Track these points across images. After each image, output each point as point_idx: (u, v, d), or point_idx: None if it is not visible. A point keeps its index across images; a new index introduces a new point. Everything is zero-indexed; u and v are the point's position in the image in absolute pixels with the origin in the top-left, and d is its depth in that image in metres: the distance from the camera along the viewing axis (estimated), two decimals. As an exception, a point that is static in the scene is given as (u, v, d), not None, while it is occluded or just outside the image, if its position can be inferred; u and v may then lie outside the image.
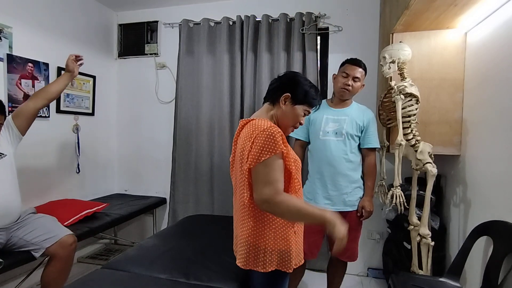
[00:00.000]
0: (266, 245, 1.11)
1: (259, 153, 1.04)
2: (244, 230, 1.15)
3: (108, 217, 2.25)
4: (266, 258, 1.10)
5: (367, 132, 1.79)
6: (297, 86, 1.16)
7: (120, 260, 1.59)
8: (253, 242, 1.12)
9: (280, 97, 1.16)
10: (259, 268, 1.11)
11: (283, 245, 1.11)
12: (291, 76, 1.21)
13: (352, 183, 1.76)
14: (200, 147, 2.70)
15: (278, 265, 1.11)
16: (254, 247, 1.11)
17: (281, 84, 1.18)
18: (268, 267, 1.11)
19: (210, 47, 2.69)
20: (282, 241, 1.11)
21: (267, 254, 1.10)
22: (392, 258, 2.20)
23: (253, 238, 1.12)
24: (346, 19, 2.49)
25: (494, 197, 1.50)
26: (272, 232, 1.11)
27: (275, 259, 1.11)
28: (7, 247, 1.65)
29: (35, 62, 2.22)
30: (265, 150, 1.03)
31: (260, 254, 1.11)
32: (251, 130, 1.09)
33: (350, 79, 1.73)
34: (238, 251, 1.20)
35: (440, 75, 1.85)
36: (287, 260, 1.12)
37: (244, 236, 1.14)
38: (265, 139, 1.04)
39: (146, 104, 2.99)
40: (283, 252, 1.11)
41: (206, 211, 2.69)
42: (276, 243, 1.11)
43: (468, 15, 1.63)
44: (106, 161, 2.99)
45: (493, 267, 1.35)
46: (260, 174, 1.05)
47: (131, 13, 2.97)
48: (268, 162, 1.04)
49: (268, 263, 1.10)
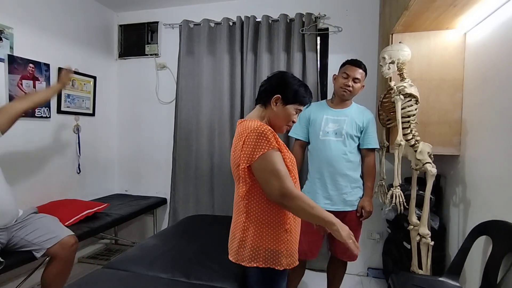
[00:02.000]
0: (253, 241, 1.12)
1: (252, 151, 1.06)
2: (236, 224, 1.19)
3: (108, 217, 2.25)
4: (252, 253, 1.12)
5: (367, 133, 1.79)
6: (286, 87, 1.18)
7: (120, 260, 1.60)
8: (242, 237, 1.14)
9: (271, 99, 1.18)
10: (245, 263, 1.13)
11: (271, 243, 1.12)
12: (280, 76, 1.22)
13: (351, 183, 1.77)
14: (201, 147, 2.70)
15: (265, 262, 1.12)
16: (242, 242, 1.14)
17: (270, 86, 1.20)
18: (254, 262, 1.12)
19: (210, 48, 2.70)
20: (270, 239, 1.12)
21: (254, 250, 1.12)
22: (392, 258, 2.20)
23: (242, 233, 1.14)
24: (346, 20, 2.50)
25: (494, 197, 1.51)
26: (259, 229, 1.13)
27: (262, 256, 1.12)
28: (8, 247, 1.65)
29: (36, 62, 2.22)
30: (258, 148, 1.06)
31: (246, 249, 1.13)
32: (242, 130, 1.13)
33: (350, 80, 1.73)
34: (230, 245, 1.23)
35: (439, 76, 1.86)
36: (275, 258, 1.13)
37: (236, 231, 1.18)
38: (257, 138, 1.07)
39: (147, 105, 2.99)
40: (271, 251, 1.12)
41: (206, 211, 2.69)
42: (263, 241, 1.12)
43: (467, 16, 1.63)
44: (107, 162, 3.00)
45: (492, 266, 1.36)
46: (261, 171, 1.07)
47: (131, 14, 2.98)
48: (264, 157, 1.06)
49: (255, 259, 1.12)
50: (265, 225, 1.13)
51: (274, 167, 1.05)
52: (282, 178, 1.04)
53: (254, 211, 1.14)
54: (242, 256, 1.15)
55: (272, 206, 1.13)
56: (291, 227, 1.17)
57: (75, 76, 2.56)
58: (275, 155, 1.07)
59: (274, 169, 1.05)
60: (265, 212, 1.13)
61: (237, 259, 1.17)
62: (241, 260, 1.15)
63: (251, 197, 1.14)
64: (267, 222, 1.13)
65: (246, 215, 1.14)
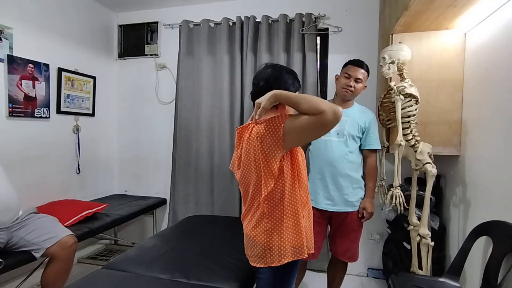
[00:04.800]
0: (279, 242, 1.14)
1: (275, 132, 1.06)
2: (256, 229, 1.17)
3: (108, 217, 2.25)
4: (280, 252, 1.14)
5: (368, 133, 1.79)
6: (290, 83, 1.18)
7: (120, 261, 1.60)
8: (267, 241, 1.15)
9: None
10: (275, 263, 1.14)
11: (294, 239, 1.14)
12: (283, 76, 1.19)
13: (353, 184, 1.76)
14: (200, 148, 2.70)
15: (293, 256, 1.14)
16: (268, 245, 1.14)
17: (278, 87, 1.16)
18: (283, 259, 1.14)
19: (210, 48, 2.70)
20: (292, 235, 1.14)
21: (281, 249, 1.14)
22: (392, 258, 2.20)
23: (267, 237, 1.14)
24: (346, 20, 2.50)
25: (494, 197, 1.51)
26: (280, 228, 1.14)
27: (289, 252, 1.14)
28: (8, 247, 1.65)
29: (36, 63, 2.22)
30: (276, 127, 1.06)
31: (274, 251, 1.14)
32: (255, 133, 1.13)
33: (352, 80, 1.73)
34: (250, 252, 1.22)
35: (439, 76, 1.86)
36: (299, 251, 1.15)
37: (257, 236, 1.17)
38: (268, 122, 1.08)
39: (146, 105, 2.99)
40: (295, 246, 1.15)
41: (206, 211, 2.69)
42: (287, 239, 1.14)
43: (467, 16, 1.63)
44: (106, 162, 2.99)
45: (492, 267, 1.36)
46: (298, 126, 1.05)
47: (131, 14, 2.98)
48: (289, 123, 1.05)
49: (283, 256, 1.14)
50: (285, 223, 1.13)
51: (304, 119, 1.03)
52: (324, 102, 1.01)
53: (276, 213, 1.13)
54: (271, 259, 1.14)
55: (289, 202, 1.14)
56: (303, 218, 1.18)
57: (75, 76, 2.56)
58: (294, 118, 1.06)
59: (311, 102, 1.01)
60: (284, 210, 1.14)
61: (266, 262, 1.16)
62: (270, 263, 1.15)
63: (272, 198, 1.13)
64: (286, 220, 1.13)
65: (268, 218, 1.14)
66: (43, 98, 2.30)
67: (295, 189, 1.14)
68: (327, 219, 1.84)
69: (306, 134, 1.09)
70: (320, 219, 1.81)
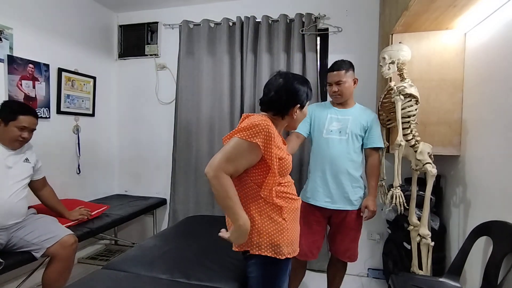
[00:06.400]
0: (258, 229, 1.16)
1: (237, 131, 1.10)
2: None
3: (108, 217, 2.25)
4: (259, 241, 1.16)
5: (371, 132, 1.79)
6: (298, 95, 1.20)
7: (120, 261, 1.59)
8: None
9: (289, 111, 1.20)
10: (254, 250, 1.17)
11: (273, 233, 1.16)
12: (287, 88, 1.19)
13: (353, 182, 1.76)
14: (200, 148, 2.70)
15: (268, 251, 1.16)
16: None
17: (281, 100, 1.18)
18: (258, 250, 1.16)
19: (210, 48, 2.70)
20: (272, 228, 1.16)
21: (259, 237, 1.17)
22: (392, 258, 2.20)
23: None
24: (346, 20, 2.50)
25: (494, 197, 1.51)
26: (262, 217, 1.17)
27: (265, 244, 1.16)
28: (8, 248, 1.65)
29: (36, 63, 2.22)
30: (242, 132, 1.09)
31: (254, 237, 1.16)
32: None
33: (334, 86, 1.76)
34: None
35: (439, 76, 1.86)
36: (277, 248, 1.16)
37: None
38: (250, 126, 1.09)
39: (147, 105, 2.99)
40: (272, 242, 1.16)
41: (206, 211, 2.69)
42: (266, 228, 1.16)
43: (467, 16, 1.63)
44: (107, 162, 2.99)
45: (492, 267, 1.36)
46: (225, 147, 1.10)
47: (131, 14, 2.98)
48: (237, 141, 1.09)
49: (259, 247, 1.16)
50: (266, 213, 1.16)
51: (231, 149, 1.08)
52: (225, 156, 1.07)
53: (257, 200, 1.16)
54: (250, 245, 1.17)
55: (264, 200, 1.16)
56: (288, 216, 1.19)
57: (75, 77, 2.56)
58: (243, 148, 1.09)
59: (228, 151, 1.08)
60: (266, 201, 1.16)
61: (242, 246, 1.18)
62: (246, 247, 1.17)
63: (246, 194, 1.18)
64: (268, 211, 1.16)
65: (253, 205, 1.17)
66: (43, 98, 2.30)
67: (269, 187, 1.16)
68: (326, 219, 1.84)
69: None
70: (320, 218, 1.81)
